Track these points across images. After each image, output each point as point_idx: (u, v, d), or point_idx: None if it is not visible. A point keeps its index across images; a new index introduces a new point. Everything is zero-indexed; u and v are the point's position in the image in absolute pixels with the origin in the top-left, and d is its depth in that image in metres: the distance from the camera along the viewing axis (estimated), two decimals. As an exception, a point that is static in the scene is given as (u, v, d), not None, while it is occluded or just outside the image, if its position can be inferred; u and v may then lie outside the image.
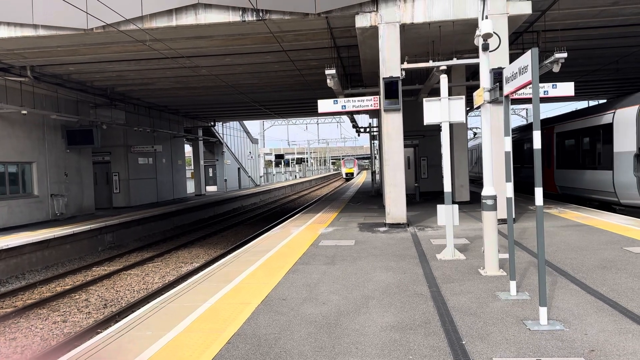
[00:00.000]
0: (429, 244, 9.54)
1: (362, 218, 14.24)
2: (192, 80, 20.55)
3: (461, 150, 17.70)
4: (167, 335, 4.80)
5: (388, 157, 12.04)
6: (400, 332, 4.70)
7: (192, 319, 5.31)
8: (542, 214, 4.74)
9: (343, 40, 14.57)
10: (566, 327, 4.64)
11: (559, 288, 6.00)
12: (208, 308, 5.72)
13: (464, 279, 6.68)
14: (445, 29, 12.13)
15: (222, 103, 27.87)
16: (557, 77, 20.45)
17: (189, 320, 5.25)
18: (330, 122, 61.27)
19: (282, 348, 4.41)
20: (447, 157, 8.29)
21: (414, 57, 12.52)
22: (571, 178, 17.27)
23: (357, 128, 30.07)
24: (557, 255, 7.87)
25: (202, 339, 4.68)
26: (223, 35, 13.60)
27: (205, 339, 4.68)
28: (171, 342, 4.61)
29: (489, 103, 6.87)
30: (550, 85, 12.40)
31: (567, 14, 13.03)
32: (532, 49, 4.76)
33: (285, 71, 19.16)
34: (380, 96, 11.99)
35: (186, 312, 5.57)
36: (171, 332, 4.91)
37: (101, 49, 14.67)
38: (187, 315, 5.46)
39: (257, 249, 9.85)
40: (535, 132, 4.74)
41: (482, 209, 6.92)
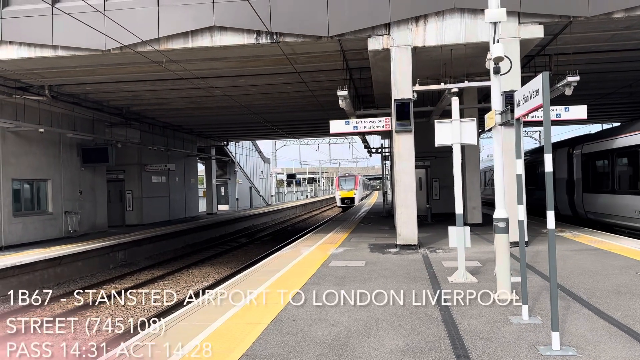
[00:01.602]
0: (440, 266, 9.47)
1: (373, 239, 14.19)
2: (206, 101, 20.82)
3: (473, 171, 17.63)
4: (176, 355, 4.80)
5: (399, 177, 12.05)
6: (410, 355, 4.66)
7: (200, 338, 5.31)
8: (554, 238, 4.71)
9: (355, 62, 14.72)
10: (579, 352, 4.57)
11: (572, 313, 5.92)
12: (217, 327, 5.72)
13: (475, 302, 6.61)
14: (457, 51, 12.22)
15: (235, 123, 28.15)
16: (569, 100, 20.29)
17: (198, 340, 5.24)
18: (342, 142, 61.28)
19: (291, 369, 4.40)
20: (458, 178, 8.28)
21: (425, 79, 12.58)
22: (601, 203, 16.28)
23: (368, 148, 30.15)
24: (571, 280, 7.76)
25: (212, 358, 4.68)
26: (237, 57, 13.82)
27: (215, 358, 4.68)
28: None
29: (500, 125, 6.89)
30: (563, 108, 12.40)
31: (579, 37, 13.07)
32: (543, 72, 4.79)
33: (298, 92, 19.36)
34: (392, 117, 12.05)
35: (196, 332, 5.56)
36: (180, 351, 4.91)
37: (118, 69, 14.97)
38: (197, 334, 5.46)
39: (267, 268, 9.84)
40: (547, 154, 4.74)
41: (494, 232, 6.88)
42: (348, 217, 24.87)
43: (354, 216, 25.80)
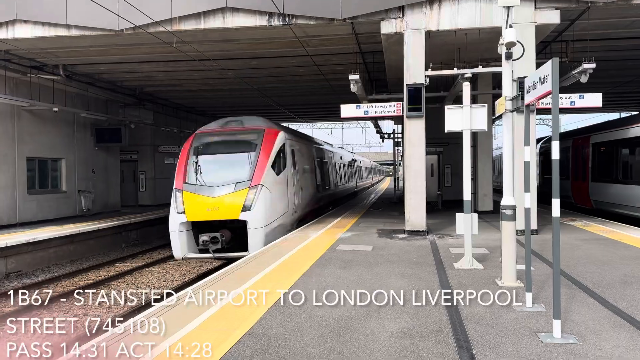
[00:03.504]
0: (447, 252, 9.47)
1: (381, 224, 14.20)
2: (218, 83, 20.83)
3: (485, 158, 17.49)
4: (180, 332, 4.88)
5: (409, 163, 12.00)
6: (410, 338, 4.70)
7: (205, 317, 5.39)
8: (558, 225, 4.68)
9: (368, 45, 14.59)
10: (580, 341, 4.57)
11: (577, 301, 5.90)
12: (221, 307, 5.79)
13: (479, 288, 6.59)
14: (471, 36, 12.05)
15: (248, 105, 28.13)
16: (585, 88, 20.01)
17: (202, 319, 5.32)
18: (355, 127, 60.90)
19: (291, 349, 4.45)
20: (467, 165, 8.22)
21: (439, 64, 12.42)
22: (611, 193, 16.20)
23: (381, 134, 30.00)
24: (577, 269, 7.72)
25: (214, 336, 4.75)
26: (249, 38, 13.77)
27: (217, 337, 4.75)
28: (183, 339, 4.69)
29: (510, 112, 6.81)
30: (578, 96, 12.19)
31: (597, 24, 12.80)
32: (553, 58, 4.73)
33: (310, 75, 19.27)
34: (404, 102, 11.96)
35: (200, 310, 5.64)
36: (184, 329, 4.99)
37: (131, 49, 15.01)
38: (201, 313, 5.54)
39: (275, 250, 9.92)
40: (554, 142, 4.69)
41: (501, 219, 6.85)
42: (358, 203, 24.89)
43: (364, 201, 25.80)
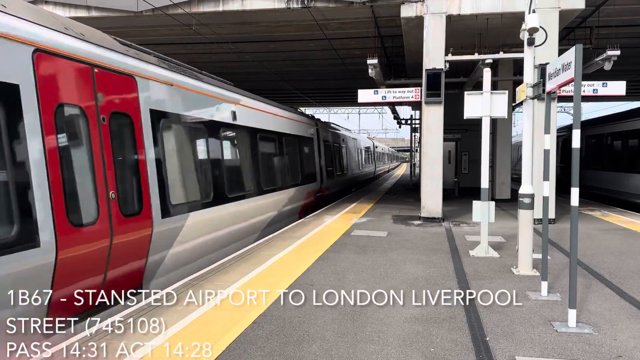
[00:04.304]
0: (462, 239, 9.44)
1: (397, 210, 14.18)
2: (236, 66, 20.82)
3: (504, 146, 17.31)
4: (197, 311, 4.96)
5: (426, 150, 11.92)
6: (424, 324, 4.71)
7: (220, 298, 5.47)
8: (576, 214, 4.63)
9: (387, 29, 14.43)
10: (595, 331, 4.54)
11: (593, 292, 5.85)
12: (238, 288, 5.86)
13: (495, 276, 6.60)
14: (493, 21, 11.84)
15: (265, 89, 28.05)
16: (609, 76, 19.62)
17: (218, 300, 5.40)
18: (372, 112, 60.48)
19: (305, 331, 4.50)
20: (486, 152, 8.15)
21: (459, 49, 12.24)
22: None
23: (398, 119, 29.80)
24: (595, 259, 7.64)
25: (229, 317, 4.82)
26: (268, 21, 13.72)
27: (232, 317, 4.82)
28: (200, 319, 4.77)
29: (531, 99, 6.71)
30: (601, 84, 11.97)
31: (622, 9, 12.49)
32: (577, 45, 4.64)
33: (328, 60, 19.17)
34: (422, 88, 11.85)
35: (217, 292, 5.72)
36: (201, 308, 5.06)
37: (149, 32, 15.06)
38: (218, 294, 5.61)
39: (290, 234, 9.97)
40: (575, 130, 4.62)
41: (519, 207, 6.80)
42: (374, 188, 24.85)
43: (380, 187, 25.75)
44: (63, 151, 4.86)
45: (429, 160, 11.88)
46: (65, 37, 5.13)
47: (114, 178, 5.50)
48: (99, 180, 5.27)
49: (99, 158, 5.32)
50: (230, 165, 9.42)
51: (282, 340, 4.30)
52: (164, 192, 6.48)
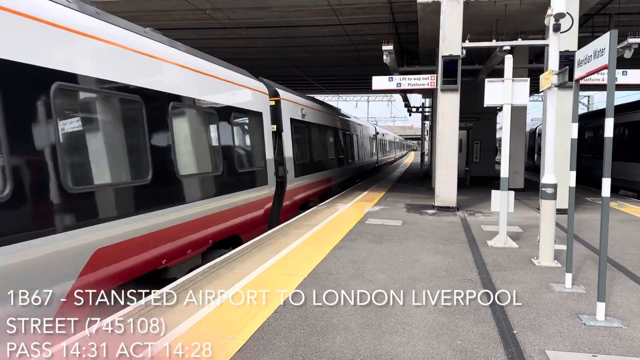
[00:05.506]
0: (479, 229, 9.32)
1: (409, 199, 14.06)
2: (247, 52, 20.64)
3: (518, 135, 17.10)
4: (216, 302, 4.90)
5: (441, 138, 11.76)
6: (448, 316, 4.63)
7: (241, 285, 5.41)
8: (607, 205, 4.51)
9: (402, 15, 14.21)
10: (624, 324, 4.44)
11: (617, 284, 5.74)
12: (256, 277, 5.81)
13: (516, 267, 6.49)
14: (511, 7, 11.61)
15: (275, 75, 27.85)
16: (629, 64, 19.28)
17: (238, 287, 5.34)
18: (381, 100, 59.98)
19: (328, 322, 4.44)
20: (506, 141, 8.03)
21: (475, 35, 12.03)
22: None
23: (409, 107, 29.53)
24: (616, 250, 7.51)
25: (250, 306, 4.76)
26: (281, 6, 13.54)
27: (252, 307, 4.76)
28: (219, 309, 4.71)
29: (555, 87, 6.55)
30: (620, 72, 11.74)
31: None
32: (612, 30, 4.47)
33: (340, 46, 18.94)
34: (438, 75, 11.66)
35: (236, 280, 5.67)
36: (221, 296, 5.00)
37: (161, 16, 14.91)
38: (237, 282, 5.56)
39: (304, 222, 9.90)
40: (608, 119, 4.48)
41: (541, 197, 6.68)
42: (384, 177, 24.72)
43: (389, 175, 25.61)
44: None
45: (443, 149, 11.73)
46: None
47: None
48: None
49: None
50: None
51: (306, 331, 4.23)
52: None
